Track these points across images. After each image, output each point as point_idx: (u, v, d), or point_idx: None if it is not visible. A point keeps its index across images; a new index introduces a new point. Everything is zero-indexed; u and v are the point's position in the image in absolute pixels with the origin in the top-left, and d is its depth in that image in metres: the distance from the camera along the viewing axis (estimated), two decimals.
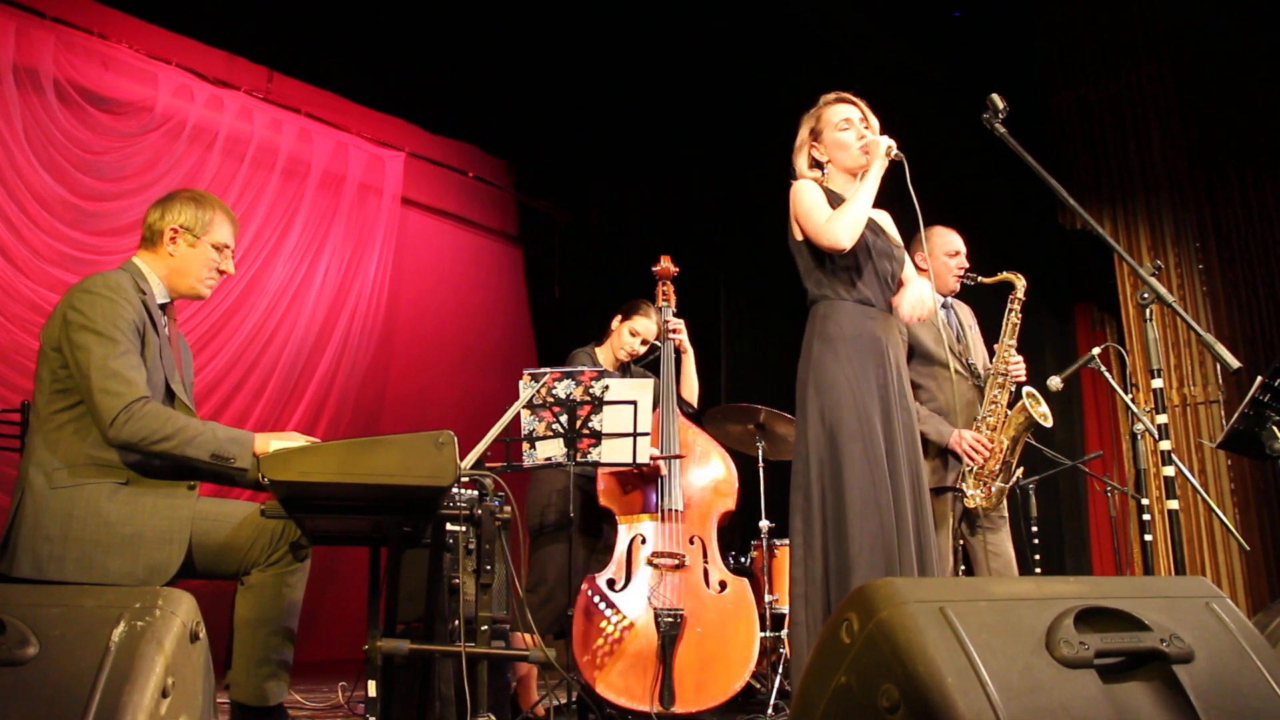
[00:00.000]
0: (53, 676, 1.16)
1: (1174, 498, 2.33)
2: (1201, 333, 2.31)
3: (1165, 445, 2.34)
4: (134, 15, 5.21)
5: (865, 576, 2.37)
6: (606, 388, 3.03)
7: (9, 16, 4.78)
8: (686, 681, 3.14)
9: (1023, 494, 4.24)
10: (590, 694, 3.14)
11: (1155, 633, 1.27)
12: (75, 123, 4.99)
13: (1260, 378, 2.86)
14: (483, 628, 2.19)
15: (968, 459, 3.22)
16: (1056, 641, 1.22)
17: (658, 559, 3.31)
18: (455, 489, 2.22)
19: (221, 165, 5.58)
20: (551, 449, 3.03)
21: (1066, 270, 6.11)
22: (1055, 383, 3.38)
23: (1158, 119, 5.61)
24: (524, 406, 2.95)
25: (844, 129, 2.74)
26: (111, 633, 1.20)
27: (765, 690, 3.92)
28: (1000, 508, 3.35)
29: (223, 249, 2.47)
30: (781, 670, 3.77)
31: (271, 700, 2.23)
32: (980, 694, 1.12)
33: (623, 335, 3.74)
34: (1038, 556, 4.23)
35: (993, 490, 3.25)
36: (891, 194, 2.68)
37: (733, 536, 4.41)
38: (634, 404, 3.03)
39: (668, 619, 3.17)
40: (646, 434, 3.09)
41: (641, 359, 3.78)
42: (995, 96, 2.39)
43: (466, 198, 7.18)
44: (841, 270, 2.67)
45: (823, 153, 2.78)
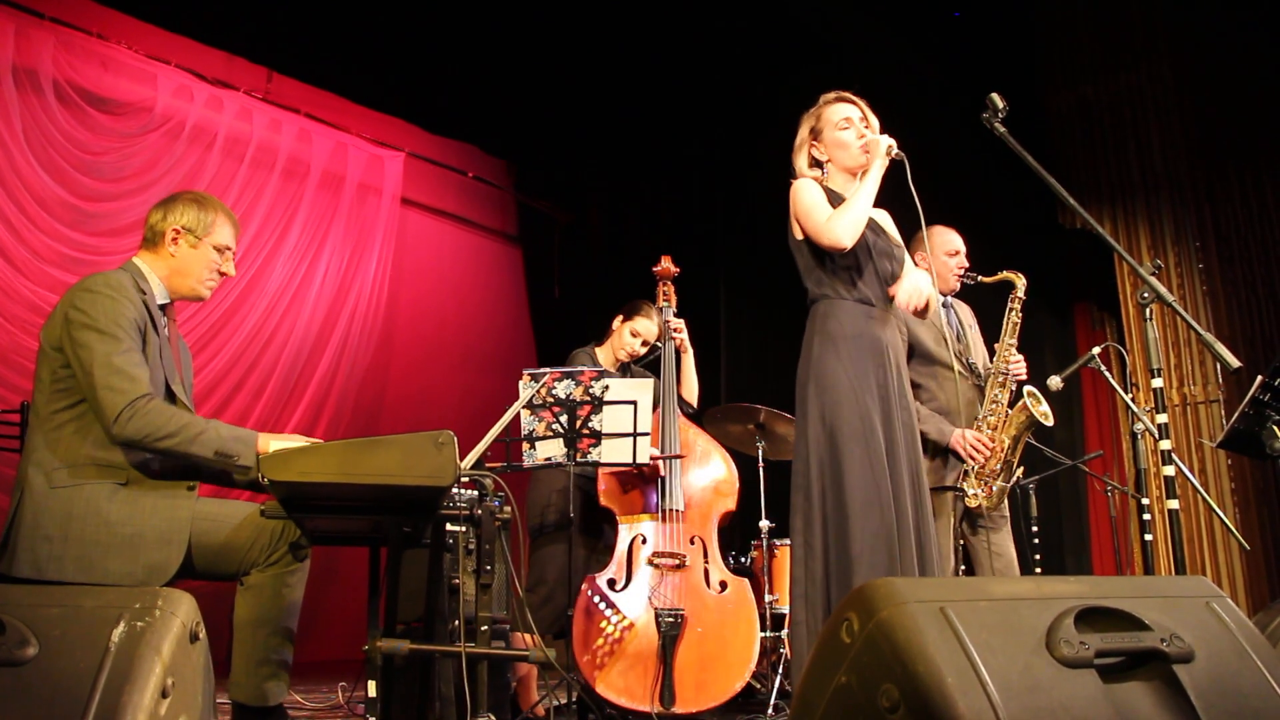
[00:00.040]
0: (52, 677, 1.16)
1: (1174, 497, 2.33)
2: (1201, 332, 2.31)
3: (1165, 445, 2.34)
4: (133, 16, 5.21)
5: (866, 576, 2.37)
6: (606, 388, 3.03)
7: (8, 17, 4.77)
8: (687, 681, 3.14)
9: (1023, 494, 4.24)
10: (590, 694, 3.13)
11: (1155, 632, 1.27)
12: (75, 123, 4.99)
13: (1260, 377, 2.86)
14: (483, 628, 2.19)
15: (969, 459, 3.22)
16: (1057, 641, 1.22)
17: (658, 559, 3.31)
18: (455, 489, 2.21)
19: (221, 165, 5.57)
20: (551, 449, 3.03)
21: (1066, 270, 6.12)
22: (1055, 382, 3.38)
23: (1157, 119, 5.61)
24: (524, 406, 2.94)
25: (844, 128, 2.74)
26: (111, 633, 1.20)
27: (765, 690, 3.92)
28: (1001, 507, 3.36)
29: (224, 251, 2.47)
30: (782, 670, 3.77)
31: (271, 700, 2.23)
32: (980, 694, 1.12)
33: (624, 336, 3.74)
34: (1038, 556, 4.22)
35: (994, 490, 3.25)
36: (892, 193, 2.68)
37: (733, 536, 4.41)
38: (634, 404, 3.03)
39: (668, 619, 3.17)
40: (646, 434, 3.08)
41: (642, 359, 3.78)
42: (995, 96, 2.38)
43: (466, 198, 7.17)
44: (842, 269, 2.66)
45: (823, 152, 2.78)
